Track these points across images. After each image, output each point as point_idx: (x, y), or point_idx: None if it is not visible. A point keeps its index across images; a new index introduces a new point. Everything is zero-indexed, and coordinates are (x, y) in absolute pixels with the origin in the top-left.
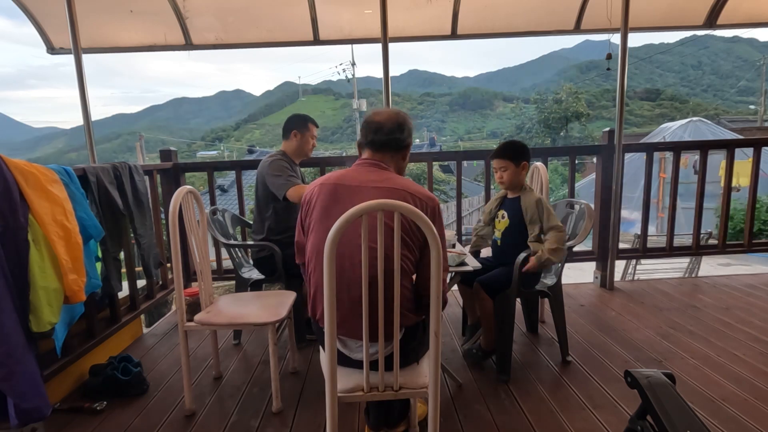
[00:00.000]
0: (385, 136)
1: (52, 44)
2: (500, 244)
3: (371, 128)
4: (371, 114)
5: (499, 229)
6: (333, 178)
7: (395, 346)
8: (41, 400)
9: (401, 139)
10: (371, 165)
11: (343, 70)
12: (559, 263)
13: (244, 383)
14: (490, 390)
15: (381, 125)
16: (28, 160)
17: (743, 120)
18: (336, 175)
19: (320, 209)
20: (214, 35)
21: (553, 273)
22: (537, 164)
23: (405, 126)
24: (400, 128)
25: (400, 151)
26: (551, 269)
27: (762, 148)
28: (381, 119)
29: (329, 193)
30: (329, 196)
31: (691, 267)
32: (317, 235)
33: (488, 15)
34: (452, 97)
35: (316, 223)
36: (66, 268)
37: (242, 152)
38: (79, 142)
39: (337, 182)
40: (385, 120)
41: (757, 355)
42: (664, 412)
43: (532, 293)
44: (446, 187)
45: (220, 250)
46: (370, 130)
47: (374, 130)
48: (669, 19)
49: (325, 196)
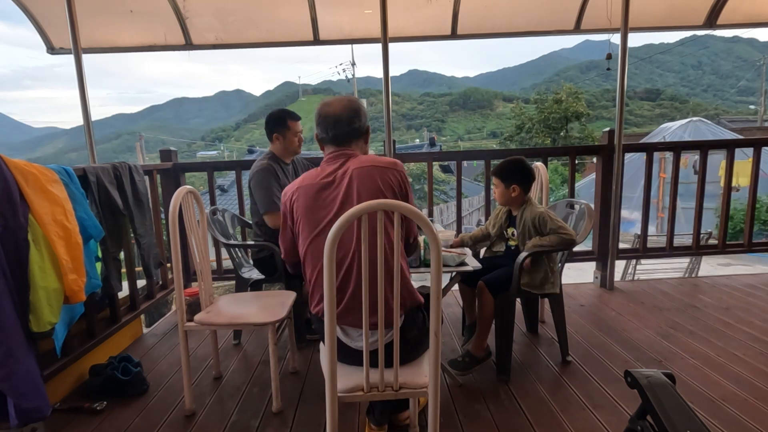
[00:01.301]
0: (346, 128)
1: (52, 44)
2: (513, 249)
3: (330, 122)
4: (323, 107)
5: (513, 240)
6: (309, 178)
7: (395, 333)
8: (41, 400)
9: (361, 126)
10: (338, 156)
11: (343, 70)
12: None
13: (244, 383)
14: (490, 390)
15: (338, 118)
16: (28, 160)
17: (743, 120)
18: (311, 175)
19: (304, 212)
20: (214, 35)
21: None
22: (537, 164)
23: (360, 112)
24: (357, 115)
25: (362, 137)
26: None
27: (762, 148)
28: (336, 111)
29: (308, 195)
30: (309, 197)
31: (691, 267)
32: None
33: (488, 15)
34: (452, 97)
35: (304, 225)
36: (66, 268)
37: (242, 152)
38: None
39: (314, 182)
40: (340, 111)
41: (757, 355)
42: (664, 412)
43: (532, 294)
44: (446, 187)
45: (220, 250)
46: (329, 124)
47: (333, 124)
48: (669, 19)
49: (306, 199)
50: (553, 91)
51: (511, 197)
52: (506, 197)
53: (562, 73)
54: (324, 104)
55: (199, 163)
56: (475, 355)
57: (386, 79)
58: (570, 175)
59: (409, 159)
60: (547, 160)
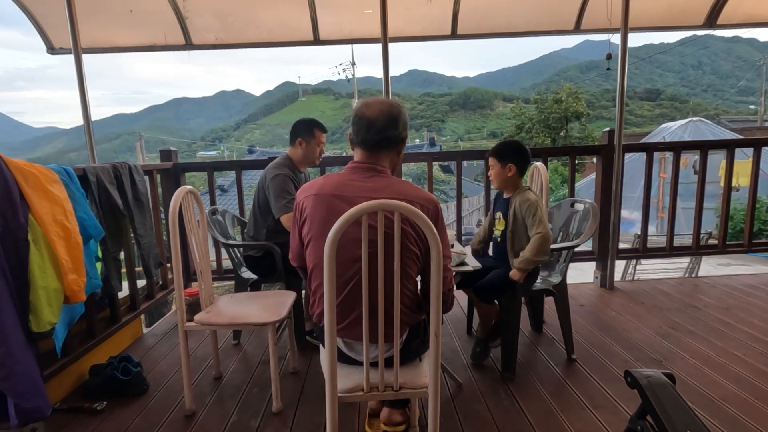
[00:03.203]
0: (377, 135)
1: (52, 44)
2: (499, 242)
3: (362, 125)
4: (362, 106)
5: (498, 229)
6: (328, 188)
7: (395, 347)
8: (41, 400)
9: (395, 135)
10: (365, 169)
11: (343, 70)
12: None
13: (244, 383)
14: (490, 390)
15: (373, 122)
16: (28, 160)
17: (743, 120)
18: (331, 184)
19: (318, 223)
20: (214, 35)
21: (558, 271)
22: (537, 164)
23: (399, 120)
24: (394, 123)
25: (395, 148)
26: (554, 267)
27: (762, 148)
28: (373, 114)
29: (326, 206)
30: (326, 209)
31: (691, 267)
32: (318, 250)
33: (488, 15)
34: (452, 97)
35: (316, 237)
36: (66, 268)
37: (242, 152)
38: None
39: (333, 193)
40: (377, 115)
41: (757, 355)
42: (664, 412)
43: (536, 291)
44: (446, 187)
45: (220, 250)
46: (362, 126)
47: (366, 127)
48: (669, 19)
49: (322, 210)
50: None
51: (506, 177)
52: (502, 177)
53: (562, 73)
54: (364, 104)
55: (199, 163)
56: (483, 338)
57: (386, 79)
58: (570, 175)
59: (409, 159)
60: (547, 160)
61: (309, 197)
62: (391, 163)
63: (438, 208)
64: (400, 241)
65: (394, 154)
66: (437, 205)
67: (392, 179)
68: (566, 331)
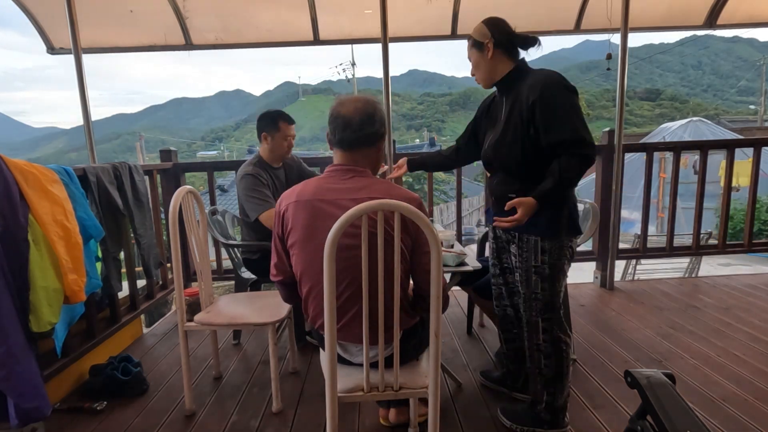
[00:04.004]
0: (354, 134)
1: (52, 44)
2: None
3: (338, 124)
4: (337, 105)
5: None
6: (308, 193)
7: (395, 347)
8: (41, 400)
9: (372, 132)
10: (344, 171)
11: (343, 70)
12: None
13: (244, 383)
14: (490, 390)
15: (349, 120)
16: (28, 160)
17: (743, 120)
18: (310, 189)
19: (302, 228)
20: (214, 35)
21: None
22: None
23: (375, 116)
24: (370, 120)
25: (374, 145)
26: None
27: (762, 148)
28: (348, 112)
29: (308, 210)
30: (309, 214)
31: (691, 267)
32: (305, 254)
33: (488, 15)
34: (452, 97)
35: (301, 242)
36: (66, 268)
37: (242, 152)
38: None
39: (314, 197)
40: (352, 113)
41: (757, 355)
42: (664, 412)
43: None
44: (446, 187)
45: (219, 250)
46: (338, 125)
47: (342, 126)
48: (669, 19)
49: (305, 215)
50: None
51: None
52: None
53: (562, 73)
54: (339, 103)
55: (199, 163)
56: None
57: (386, 79)
58: None
59: None
60: None
61: (290, 205)
62: (371, 162)
63: (422, 206)
64: (389, 242)
65: (373, 152)
66: (421, 203)
67: (372, 179)
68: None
